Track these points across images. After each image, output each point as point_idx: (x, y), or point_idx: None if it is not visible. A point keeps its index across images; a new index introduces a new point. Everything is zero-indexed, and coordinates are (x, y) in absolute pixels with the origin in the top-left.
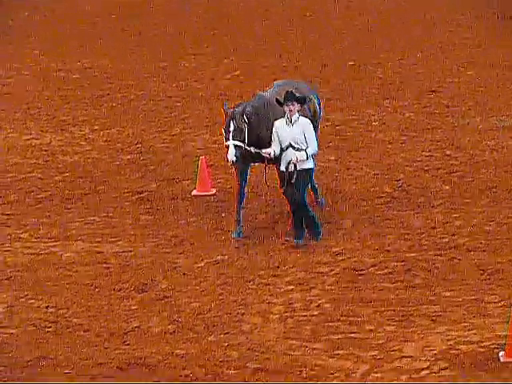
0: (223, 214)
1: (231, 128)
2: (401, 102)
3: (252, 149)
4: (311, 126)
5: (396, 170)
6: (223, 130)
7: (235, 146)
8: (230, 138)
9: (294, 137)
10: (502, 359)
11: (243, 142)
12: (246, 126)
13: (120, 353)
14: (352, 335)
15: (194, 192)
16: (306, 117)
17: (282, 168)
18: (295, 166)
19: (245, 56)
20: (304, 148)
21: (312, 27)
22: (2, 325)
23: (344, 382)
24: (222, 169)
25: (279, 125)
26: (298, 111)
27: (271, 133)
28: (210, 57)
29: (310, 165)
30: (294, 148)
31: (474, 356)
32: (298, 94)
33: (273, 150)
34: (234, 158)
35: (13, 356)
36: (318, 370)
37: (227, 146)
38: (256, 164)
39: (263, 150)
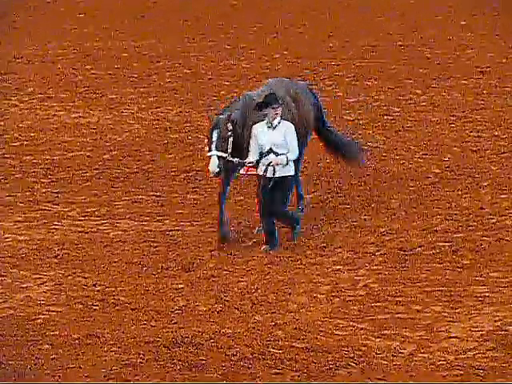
0: None
1: (214, 137)
2: (449, 82)
3: (236, 160)
4: (294, 130)
5: (444, 150)
6: (206, 140)
7: (218, 157)
8: (213, 148)
9: (276, 141)
10: None
11: (226, 152)
12: (230, 134)
13: (167, 331)
14: (399, 315)
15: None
16: (288, 120)
17: (260, 171)
18: (274, 170)
19: (291, 34)
20: (285, 153)
21: (356, 7)
22: (50, 302)
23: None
24: None
25: (259, 129)
26: (280, 115)
27: None
28: (258, 35)
29: (290, 172)
30: (274, 153)
31: None
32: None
33: (254, 159)
34: (217, 170)
35: (60, 334)
36: (364, 350)
37: (209, 157)
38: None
39: (246, 161)
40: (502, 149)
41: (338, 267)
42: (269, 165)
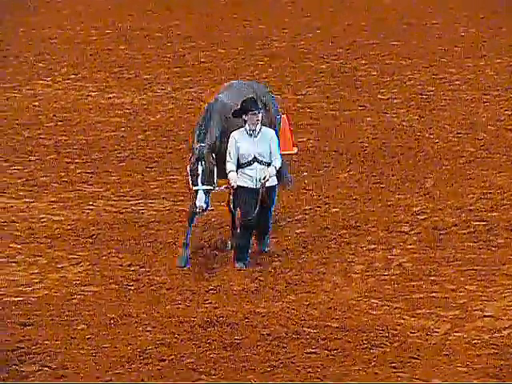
0: (305, 173)
1: (199, 171)
2: (483, 61)
3: (223, 187)
4: (276, 136)
5: (478, 129)
6: (188, 171)
7: (205, 192)
8: (199, 182)
9: (260, 150)
10: None
11: (212, 184)
12: (214, 164)
13: (202, 311)
14: (433, 295)
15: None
16: (265, 125)
17: (252, 184)
18: (264, 183)
19: (325, 14)
20: (269, 162)
21: None
22: (85, 283)
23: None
24: (304, 128)
25: (240, 137)
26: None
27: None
28: (291, 14)
29: (275, 181)
30: (259, 162)
31: None
32: (259, 101)
33: (235, 173)
34: (205, 206)
35: (95, 314)
36: (398, 330)
37: (195, 191)
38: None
39: (231, 182)
40: None
41: (372, 246)
42: (264, 180)
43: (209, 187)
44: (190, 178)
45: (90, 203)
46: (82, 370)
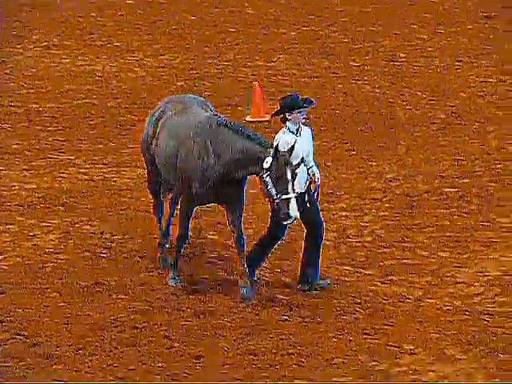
0: None
1: (289, 177)
2: (455, 28)
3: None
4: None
5: (450, 95)
6: (269, 180)
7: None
8: (290, 189)
9: (306, 149)
10: None
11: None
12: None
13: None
14: (405, 261)
15: (248, 118)
16: None
17: (301, 189)
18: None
19: None
20: (307, 163)
21: None
22: (57, 251)
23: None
24: (276, 95)
25: (289, 139)
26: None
27: None
28: None
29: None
30: (304, 163)
31: None
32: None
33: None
34: (298, 214)
35: (67, 282)
36: (371, 296)
37: (285, 201)
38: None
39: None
40: (508, 94)
41: (344, 214)
42: (316, 179)
43: (296, 195)
44: (272, 187)
45: (62, 171)
46: (55, 338)
